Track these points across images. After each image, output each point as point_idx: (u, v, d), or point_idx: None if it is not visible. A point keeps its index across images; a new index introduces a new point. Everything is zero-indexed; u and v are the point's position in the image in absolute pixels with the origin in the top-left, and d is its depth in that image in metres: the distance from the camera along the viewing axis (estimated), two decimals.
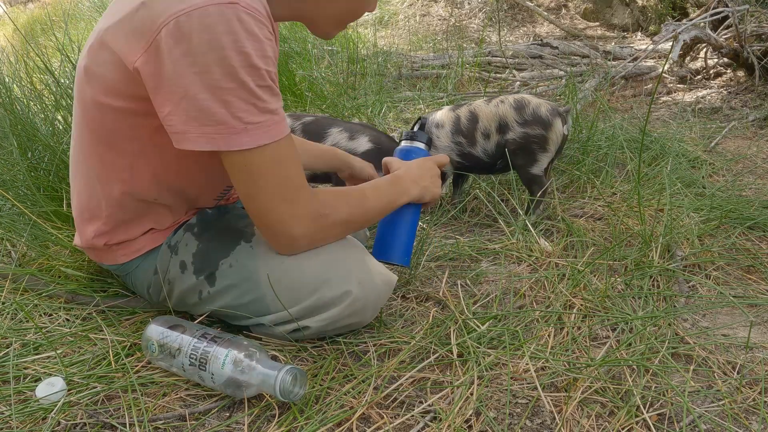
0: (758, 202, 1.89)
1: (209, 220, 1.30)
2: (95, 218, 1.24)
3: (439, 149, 1.97)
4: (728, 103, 3.38)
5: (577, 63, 4.11)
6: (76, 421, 1.06)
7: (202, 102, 0.97)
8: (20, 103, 2.19)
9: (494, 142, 1.91)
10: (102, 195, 1.20)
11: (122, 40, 1.01)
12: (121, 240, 1.26)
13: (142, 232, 1.27)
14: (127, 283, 1.39)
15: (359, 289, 1.19)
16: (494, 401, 1.10)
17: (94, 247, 1.28)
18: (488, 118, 1.90)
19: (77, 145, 1.21)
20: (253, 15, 0.97)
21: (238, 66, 0.96)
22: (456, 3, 6.35)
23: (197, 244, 1.25)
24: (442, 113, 2.00)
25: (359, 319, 1.24)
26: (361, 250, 1.27)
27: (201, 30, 0.94)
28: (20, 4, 9.90)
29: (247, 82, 0.98)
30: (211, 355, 1.09)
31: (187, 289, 1.26)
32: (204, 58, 0.95)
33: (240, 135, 1.00)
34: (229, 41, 0.95)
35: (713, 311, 1.41)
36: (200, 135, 1.00)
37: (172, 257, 1.26)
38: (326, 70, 3.56)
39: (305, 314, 1.20)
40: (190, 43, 0.95)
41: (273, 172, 1.06)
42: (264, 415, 1.07)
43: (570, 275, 1.51)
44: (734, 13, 3.35)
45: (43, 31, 6.29)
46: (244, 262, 1.22)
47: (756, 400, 1.08)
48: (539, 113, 1.85)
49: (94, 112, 1.12)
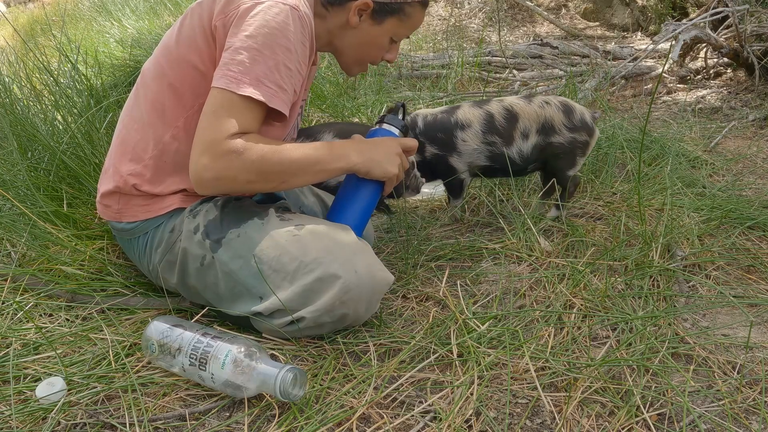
0: (758, 202, 1.89)
1: (232, 200, 1.37)
2: (137, 160, 1.33)
3: (464, 155, 1.81)
4: (728, 103, 3.38)
5: (577, 63, 4.11)
6: (76, 421, 1.06)
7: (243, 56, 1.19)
8: (20, 104, 2.19)
9: (531, 144, 1.79)
10: (153, 137, 1.32)
11: (207, 10, 1.27)
12: (152, 192, 1.33)
13: (174, 190, 1.34)
14: (135, 249, 1.41)
15: (354, 276, 1.21)
16: (494, 401, 1.10)
17: (119, 192, 1.35)
18: (530, 118, 1.78)
19: (136, 97, 1.38)
20: (302, 20, 1.24)
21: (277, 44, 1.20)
22: (456, 3, 6.35)
23: (216, 213, 1.32)
24: (464, 112, 1.81)
25: (353, 310, 1.24)
26: (365, 245, 1.29)
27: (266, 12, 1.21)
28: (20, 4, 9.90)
29: (279, 57, 1.21)
30: (211, 355, 1.09)
31: (192, 251, 1.30)
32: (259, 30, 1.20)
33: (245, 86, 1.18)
34: (281, 26, 1.21)
35: (713, 311, 1.41)
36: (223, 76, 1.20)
37: (188, 218, 1.33)
38: (326, 69, 3.56)
39: (300, 302, 1.21)
40: (254, 17, 1.21)
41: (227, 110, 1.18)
42: (264, 415, 1.07)
43: (570, 275, 1.51)
44: (734, 13, 3.35)
45: (43, 31, 6.29)
46: (251, 234, 1.27)
47: (756, 400, 1.08)
48: (585, 120, 1.82)
49: (176, 67, 1.30)
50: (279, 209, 1.36)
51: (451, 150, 1.81)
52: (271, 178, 1.25)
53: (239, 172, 1.20)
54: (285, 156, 1.24)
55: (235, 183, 1.22)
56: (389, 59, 1.48)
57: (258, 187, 1.30)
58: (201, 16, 1.28)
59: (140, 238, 1.38)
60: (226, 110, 1.18)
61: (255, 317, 1.26)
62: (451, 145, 1.81)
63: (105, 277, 1.53)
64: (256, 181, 1.24)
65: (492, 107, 1.81)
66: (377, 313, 1.37)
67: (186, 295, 1.39)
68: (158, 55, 1.36)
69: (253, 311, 1.25)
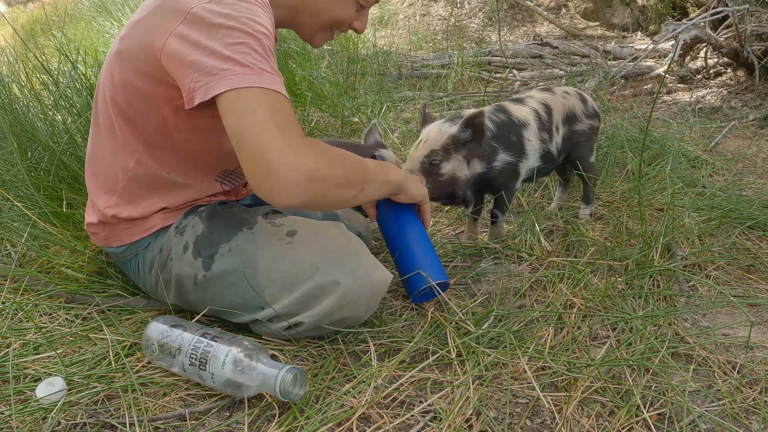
0: (758, 202, 1.89)
1: (217, 210, 1.33)
2: (111, 191, 1.29)
3: (529, 155, 1.65)
4: (728, 103, 3.38)
5: (577, 63, 4.11)
6: (76, 420, 1.06)
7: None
8: (20, 104, 2.19)
9: (561, 136, 1.75)
10: (119, 167, 1.26)
11: (154, 22, 1.11)
12: (131, 216, 1.29)
13: (155, 210, 1.30)
14: (130, 270, 1.40)
15: (352, 281, 1.19)
16: (494, 401, 1.10)
17: (103, 222, 1.31)
18: (559, 110, 1.75)
19: (97, 125, 1.29)
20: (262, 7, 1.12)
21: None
22: (456, 3, 6.35)
23: (203, 227, 1.28)
24: (518, 110, 1.66)
25: (352, 313, 1.23)
26: (361, 245, 1.27)
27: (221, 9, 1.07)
28: (20, 4, 9.89)
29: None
30: (212, 354, 1.09)
31: (184, 272, 1.27)
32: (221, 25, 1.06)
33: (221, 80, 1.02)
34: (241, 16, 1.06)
35: (713, 311, 1.41)
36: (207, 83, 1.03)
37: (176, 237, 1.29)
38: (326, 69, 3.56)
39: (298, 307, 1.20)
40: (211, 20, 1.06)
41: (264, 107, 1.02)
42: (264, 415, 1.07)
43: (570, 275, 1.51)
44: (734, 13, 3.35)
45: (43, 31, 6.29)
46: (242, 246, 1.24)
47: (756, 400, 1.08)
48: (594, 106, 1.86)
49: (121, 91, 1.19)
50: (268, 214, 1.33)
51: (521, 154, 1.64)
52: (354, 180, 1.13)
53: (330, 169, 1.06)
54: (354, 157, 1.14)
55: (327, 185, 1.06)
56: (358, 28, 1.34)
57: (344, 196, 1.13)
58: (137, 44, 1.15)
59: (132, 260, 1.37)
60: (252, 112, 1.01)
61: (253, 324, 1.26)
62: (521, 147, 1.63)
63: (105, 279, 1.53)
64: (343, 184, 1.10)
65: (532, 104, 1.70)
66: (377, 313, 1.37)
67: (187, 308, 1.37)
68: (103, 78, 1.25)
69: (252, 320, 1.25)
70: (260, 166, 1.00)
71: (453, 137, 1.47)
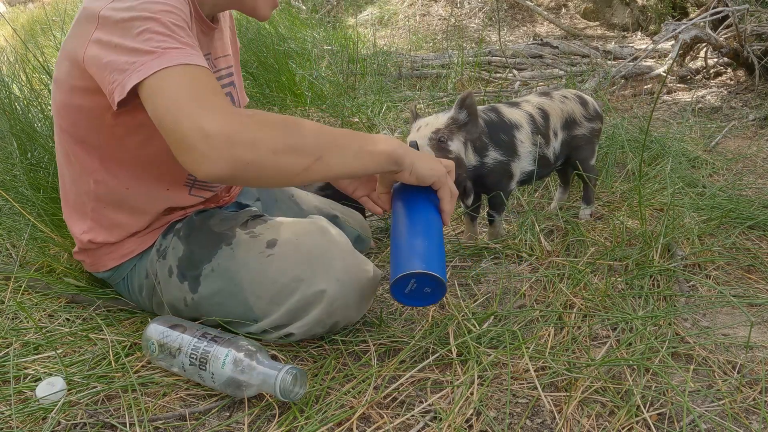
0: (758, 202, 1.89)
1: (195, 225, 1.31)
2: (83, 217, 1.29)
3: (522, 156, 1.66)
4: (728, 103, 3.38)
5: (577, 62, 4.11)
6: (76, 420, 1.06)
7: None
8: (20, 104, 2.19)
9: (560, 140, 1.77)
10: (83, 191, 1.26)
11: (75, 36, 1.11)
12: (107, 241, 1.29)
13: (125, 234, 1.29)
14: (123, 291, 1.40)
15: (338, 287, 1.18)
16: (494, 401, 1.10)
17: (85, 249, 1.31)
18: (557, 115, 1.77)
19: (59, 157, 1.30)
20: None
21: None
22: (456, 3, 6.35)
23: (183, 248, 1.27)
24: (511, 112, 1.68)
25: (343, 317, 1.23)
26: (343, 245, 1.24)
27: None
28: (20, 4, 9.89)
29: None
30: (212, 354, 1.09)
31: (173, 295, 1.28)
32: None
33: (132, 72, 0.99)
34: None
35: (713, 311, 1.41)
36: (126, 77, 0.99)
37: (160, 261, 1.29)
38: (326, 69, 3.56)
39: (288, 319, 1.20)
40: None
41: (171, 84, 0.97)
42: (264, 415, 1.07)
43: (570, 275, 1.51)
44: (734, 13, 3.35)
45: (43, 31, 6.28)
46: (225, 265, 1.23)
47: (756, 400, 1.08)
48: (596, 108, 1.86)
49: (64, 114, 1.20)
50: (245, 223, 1.28)
51: (512, 154, 1.64)
52: (302, 146, 0.97)
53: (259, 131, 0.94)
54: (314, 124, 1.01)
55: (258, 151, 0.94)
56: None
57: (289, 164, 0.97)
58: (65, 64, 1.14)
59: (121, 284, 1.38)
60: (166, 91, 0.96)
61: (247, 335, 1.26)
62: (512, 148, 1.64)
63: (104, 287, 1.53)
64: (284, 150, 0.96)
65: (527, 108, 1.72)
66: (377, 313, 1.37)
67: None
68: (52, 111, 1.24)
69: (245, 333, 1.25)
70: (178, 140, 0.94)
71: (452, 118, 1.50)
